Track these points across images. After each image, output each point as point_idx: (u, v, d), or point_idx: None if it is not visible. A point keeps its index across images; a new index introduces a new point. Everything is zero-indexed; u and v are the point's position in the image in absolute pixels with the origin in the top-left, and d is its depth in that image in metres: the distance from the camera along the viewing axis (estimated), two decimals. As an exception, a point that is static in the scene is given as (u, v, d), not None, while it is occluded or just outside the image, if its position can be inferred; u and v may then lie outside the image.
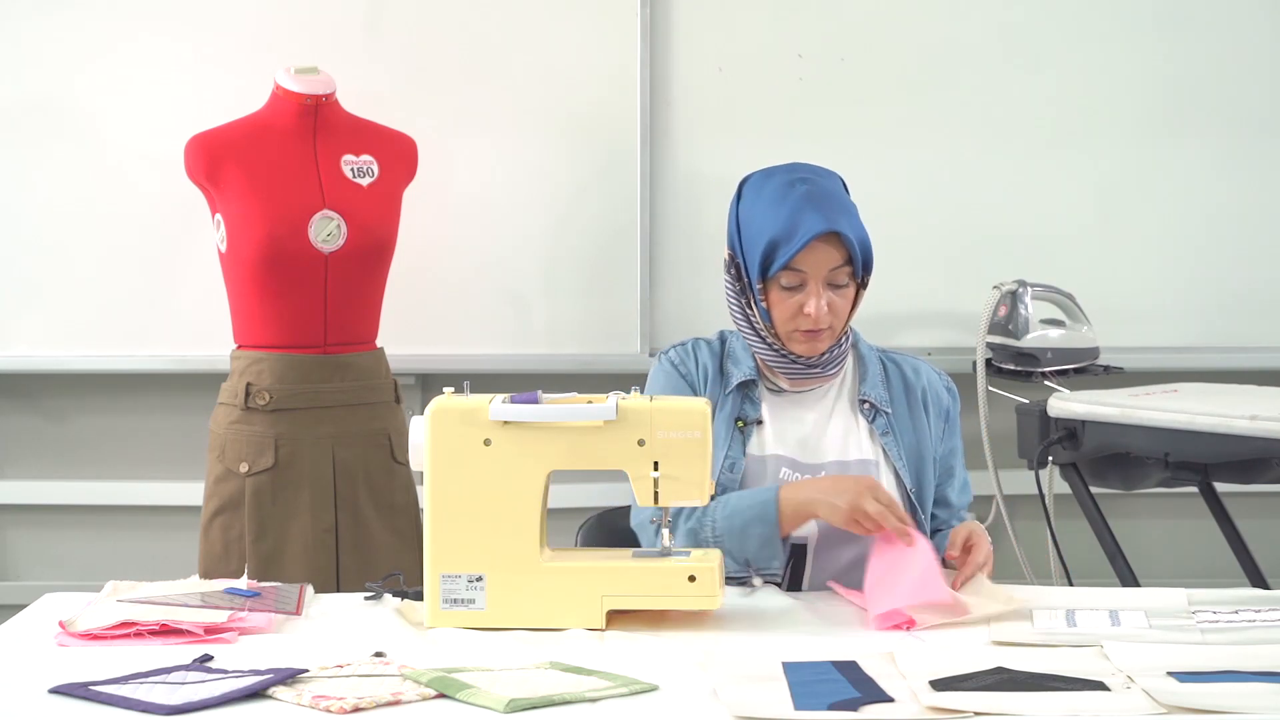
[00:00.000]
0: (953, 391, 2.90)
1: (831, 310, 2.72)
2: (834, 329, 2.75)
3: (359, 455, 3.54)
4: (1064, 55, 4.08)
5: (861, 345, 2.87)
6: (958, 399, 2.90)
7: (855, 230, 2.72)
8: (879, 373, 2.84)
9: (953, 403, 2.88)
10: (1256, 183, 4.11)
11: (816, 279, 2.71)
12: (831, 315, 2.72)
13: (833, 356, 2.79)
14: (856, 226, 2.73)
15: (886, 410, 2.81)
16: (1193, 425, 3.44)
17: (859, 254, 2.72)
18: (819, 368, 2.78)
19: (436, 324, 4.01)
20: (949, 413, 2.87)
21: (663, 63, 4.04)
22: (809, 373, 2.79)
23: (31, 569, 4.20)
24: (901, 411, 2.83)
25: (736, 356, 2.84)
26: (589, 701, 2.10)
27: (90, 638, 2.39)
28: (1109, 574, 3.72)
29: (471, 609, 2.46)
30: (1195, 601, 2.53)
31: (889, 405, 2.82)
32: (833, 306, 2.72)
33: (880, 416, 2.80)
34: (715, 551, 2.57)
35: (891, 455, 2.79)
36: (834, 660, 2.24)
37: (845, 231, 2.70)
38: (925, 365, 2.90)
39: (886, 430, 2.80)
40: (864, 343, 2.88)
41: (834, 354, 2.79)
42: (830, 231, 2.68)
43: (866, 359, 2.86)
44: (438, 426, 2.48)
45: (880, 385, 2.83)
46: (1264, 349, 4.12)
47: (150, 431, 4.14)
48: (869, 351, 2.87)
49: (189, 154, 3.55)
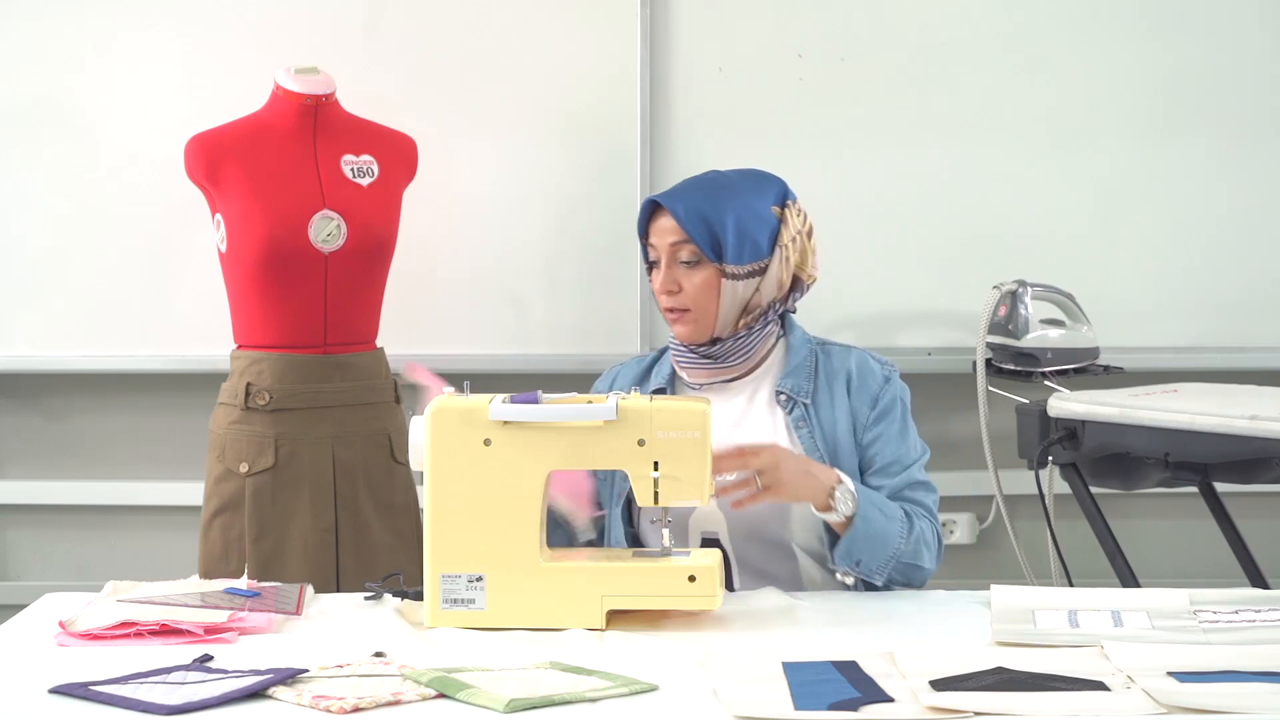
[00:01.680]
0: (890, 380, 2.83)
1: (683, 289, 2.73)
2: (694, 312, 2.74)
3: (359, 455, 3.54)
4: (1064, 55, 4.08)
5: (795, 337, 2.84)
6: (894, 384, 2.83)
7: (692, 206, 2.72)
8: (805, 364, 2.81)
9: (885, 389, 2.81)
10: (1256, 183, 4.11)
11: (663, 252, 2.75)
12: (686, 296, 2.73)
13: (725, 349, 2.77)
14: (703, 204, 2.73)
15: (805, 401, 2.78)
16: (1193, 425, 3.43)
17: (692, 230, 2.71)
18: (715, 360, 2.77)
19: (436, 324, 4.01)
20: (878, 399, 2.80)
21: (663, 63, 4.04)
22: (703, 364, 2.78)
23: (31, 569, 4.20)
24: (824, 400, 2.79)
25: (663, 363, 2.86)
26: (589, 701, 2.10)
27: (90, 638, 2.39)
28: (1109, 574, 3.72)
29: (471, 609, 2.46)
30: (1197, 602, 2.53)
31: (809, 395, 2.79)
32: (683, 283, 2.74)
33: (797, 407, 2.77)
34: (715, 551, 2.57)
35: (806, 447, 2.75)
36: (834, 660, 2.24)
37: (669, 205, 2.73)
38: (861, 354, 2.85)
39: (803, 421, 2.77)
40: (800, 335, 2.85)
41: (726, 346, 2.77)
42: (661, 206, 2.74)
43: (795, 350, 2.83)
44: (438, 426, 2.48)
45: (803, 376, 2.80)
46: (1264, 349, 4.12)
47: (150, 431, 4.14)
48: (801, 344, 2.84)
49: (189, 154, 3.55)
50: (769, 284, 2.77)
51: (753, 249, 2.74)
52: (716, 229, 2.73)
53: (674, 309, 2.76)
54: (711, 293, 2.74)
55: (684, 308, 2.75)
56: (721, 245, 2.73)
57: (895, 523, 2.73)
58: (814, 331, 2.95)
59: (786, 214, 2.79)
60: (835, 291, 4.06)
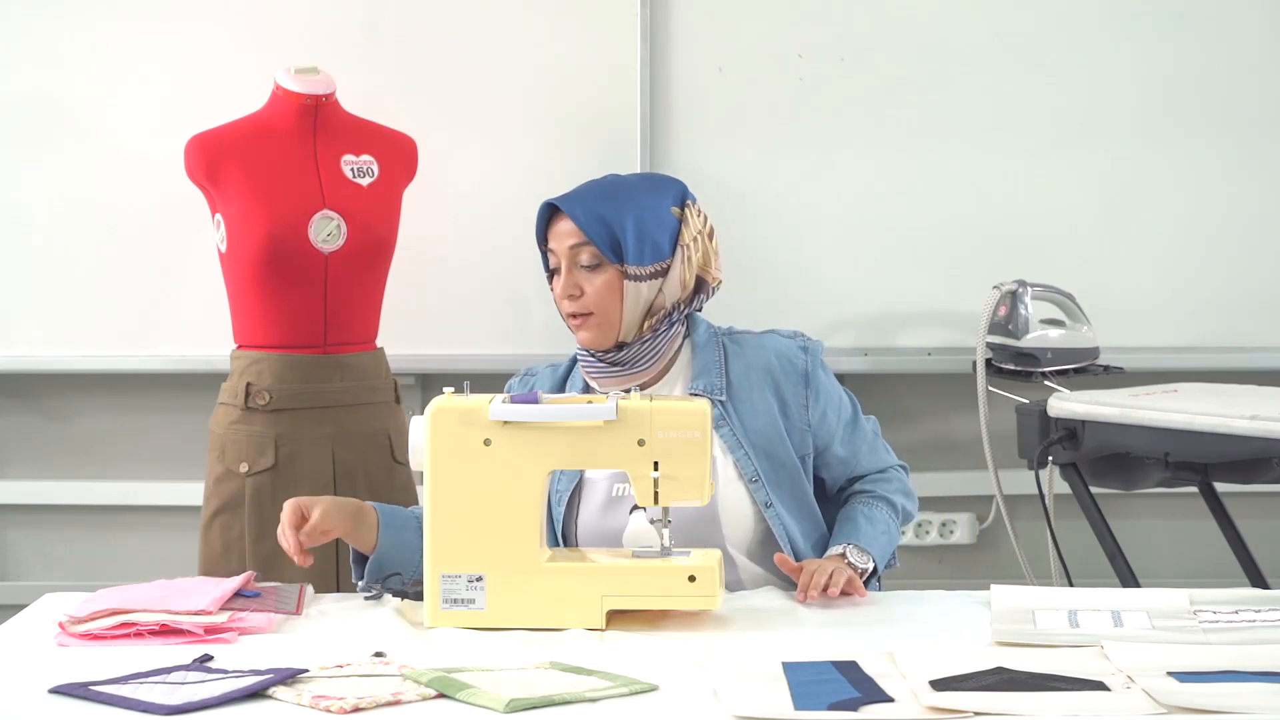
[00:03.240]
0: (810, 350, 2.81)
1: (585, 293, 2.70)
2: (598, 315, 2.70)
3: (359, 455, 3.54)
4: (1063, 55, 4.08)
5: (699, 334, 2.81)
6: (817, 355, 2.81)
7: (590, 209, 2.69)
8: (714, 359, 2.78)
9: (811, 361, 2.80)
10: (1256, 183, 4.11)
11: (563, 256, 2.72)
12: (588, 300, 2.70)
13: (633, 354, 2.73)
14: (599, 207, 2.70)
15: (720, 399, 2.74)
16: (1193, 425, 3.43)
17: (591, 232, 2.68)
18: (622, 366, 2.74)
19: (436, 324, 4.01)
20: (808, 376, 2.79)
21: (663, 63, 4.03)
22: (610, 371, 2.74)
23: (31, 569, 4.20)
24: (743, 394, 2.76)
25: (575, 374, 2.83)
26: (589, 701, 2.10)
27: (90, 638, 2.39)
28: (1109, 574, 3.72)
29: (471, 609, 2.46)
30: (1197, 602, 2.53)
31: (724, 392, 2.75)
32: (584, 287, 2.70)
33: (714, 406, 2.71)
34: (715, 551, 2.57)
35: (729, 445, 2.74)
36: (834, 660, 2.24)
37: (567, 208, 2.70)
38: (772, 337, 2.83)
39: (722, 419, 2.74)
40: (705, 331, 2.82)
41: (633, 350, 2.73)
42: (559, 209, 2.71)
43: (702, 348, 2.80)
44: (438, 426, 2.48)
45: (714, 372, 2.77)
46: (1264, 349, 4.12)
47: (150, 431, 4.14)
48: (707, 340, 2.80)
49: (189, 154, 3.55)
50: (671, 284, 2.73)
51: (653, 249, 2.71)
52: (615, 230, 2.69)
53: (577, 314, 2.71)
54: (614, 295, 2.70)
55: (587, 311, 2.70)
56: (622, 246, 2.69)
57: (892, 526, 2.79)
58: (814, 331, 2.95)
59: (687, 214, 2.75)
60: (836, 292, 4.07)
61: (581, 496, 2.75)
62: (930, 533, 4.22)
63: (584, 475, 2.75)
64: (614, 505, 2.71)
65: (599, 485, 2.73)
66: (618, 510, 2.70)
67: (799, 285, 4.04)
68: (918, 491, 2.91)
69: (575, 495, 2.75)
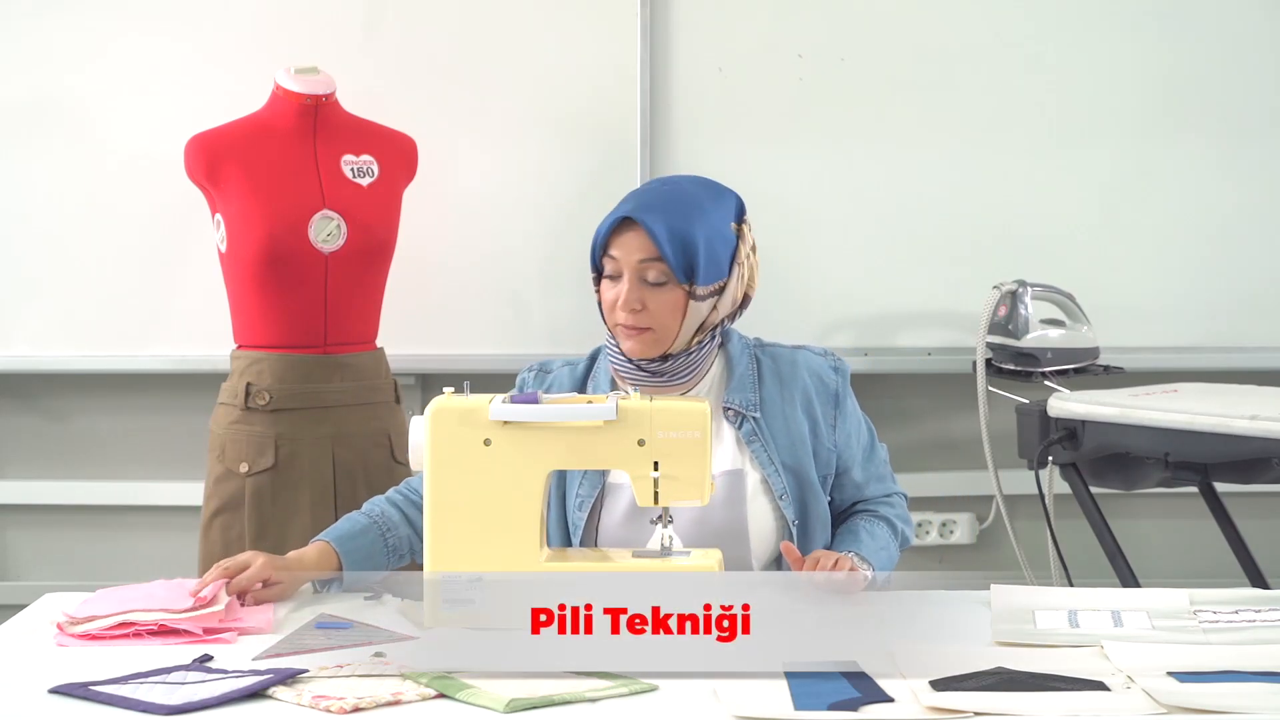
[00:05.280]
0: (841, 370, 2.80)
1: (648, 308, 2.64)
2: (656, 332, 2.66)
3: (359, 455, 3.55)
4: (1063, 55, 4.08)
5: (733, 346, 2.78)
6: (847, 376, 2.80)
7: (672, 228, 2.63)
8: (749, 373, 2.75)
9: (841, 382, 2.79)
10: (1257, 183, 4.11)
11: (628, 268, 2.65)
12: (650, 315, 2.65)
13: (676, 366, 2.69)
14: (680, 225, 2.63)
15: (754, 415, 2.72)
16: (1193, 425, 3.43)
17: (669, 252, 2.62)
18: (663, 376, 2.70)
19: (436, 324, 4.01)
20: (838, 396, 2.78)
21: (663, 63, 4.03)
22: (653, 380, 2.70)
23: (31, 569, 4.20)
24: (774, 411, 2.74)
25: (599, 376, 2.79)
26: (589, 701, 2.10)
27: (90, 638, 2.39)
28: (1109, 574, 3.72)
29: (471, 609, 2.46)
30: (1197, 602, 2.53)
31: (757, 408, 2.73)
32: (648, 303, 2.64)
33: (746, 422, 2.71)
34: (715, 551, 2.57)
35: (759, 461, 2.71)
36: (834, 660, 2.24)
37: (649, 224, 2.62)
38: (806, 353, 2.80)
39: (754, 435, 2.72)
40: (738, 342, 2.79)
41: (677, 363, 2.70)
42: (634, 221, 2.63)
43: (735, 360, 2.77)
44: (438, 426, 2.48)
45: (749, 387, 2.74)
46: (1264, 349, 4.12)
47: (150, 431, 4.14)
48: (741, 352, 2.78)
49: (189, 154, 3.55)
50: (725, 302, 2.70)
51: (716, 270, 2.67)
52: (691, 252, 2.64)
53: (634, 326, 2.66)
54: (677, 313, 2.66)
55: (646, 326, 2.66)
56: (695, 269, 2.65)
57: (891, 545, 2.79)
58: (814, 331, 2.95)
59: (744, 230, 2.73)
60: (836, 292, 4.07)
61: (604, 504, 2.72)
62: (930, 533, 4.22)
63: (607, 481, 2.72)
64: (637, 516, 2.66)
65: (623, 492, 2.69)
66: (641, 521, 2.65)
67: (799, 285, 4.03)
68: (917, 491, 2.91)
69: (598, 502, 2.72)
